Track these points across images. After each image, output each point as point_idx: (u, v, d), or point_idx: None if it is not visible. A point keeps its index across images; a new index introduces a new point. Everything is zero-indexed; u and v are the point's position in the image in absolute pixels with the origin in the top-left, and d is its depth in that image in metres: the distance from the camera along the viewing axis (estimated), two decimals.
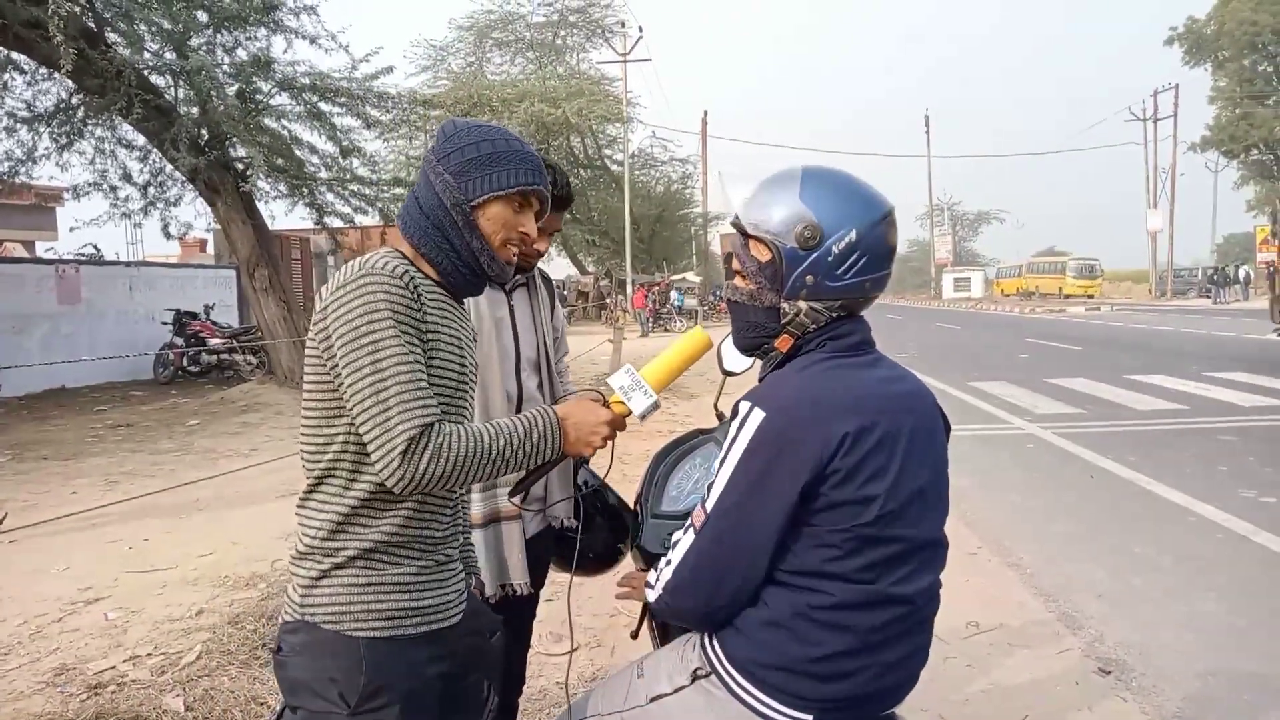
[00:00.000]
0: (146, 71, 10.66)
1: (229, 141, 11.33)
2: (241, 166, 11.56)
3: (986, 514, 5.71)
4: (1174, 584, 4.42)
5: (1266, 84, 46.02)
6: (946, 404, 1.98)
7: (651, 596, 1.60)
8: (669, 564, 1.55)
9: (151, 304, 15.68)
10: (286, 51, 13.33)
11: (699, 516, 1.51)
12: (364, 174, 12.57)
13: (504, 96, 25.82)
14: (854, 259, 1.52)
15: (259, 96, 11.42)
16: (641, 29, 34.02)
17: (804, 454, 1.43)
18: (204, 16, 10.70)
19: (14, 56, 10.89)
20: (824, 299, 1.54)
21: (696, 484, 1.91)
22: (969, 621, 3.90)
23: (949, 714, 3.15)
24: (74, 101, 11.45)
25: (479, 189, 1.56)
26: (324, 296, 1.48)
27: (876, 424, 1.47)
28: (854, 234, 1.51)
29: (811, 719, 1.48)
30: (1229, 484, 6.21)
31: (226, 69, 11.07)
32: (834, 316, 1.56)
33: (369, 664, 1.46)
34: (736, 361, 1.85)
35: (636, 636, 1.94)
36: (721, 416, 1.98)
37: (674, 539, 1.57)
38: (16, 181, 12.51)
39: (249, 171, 11.37)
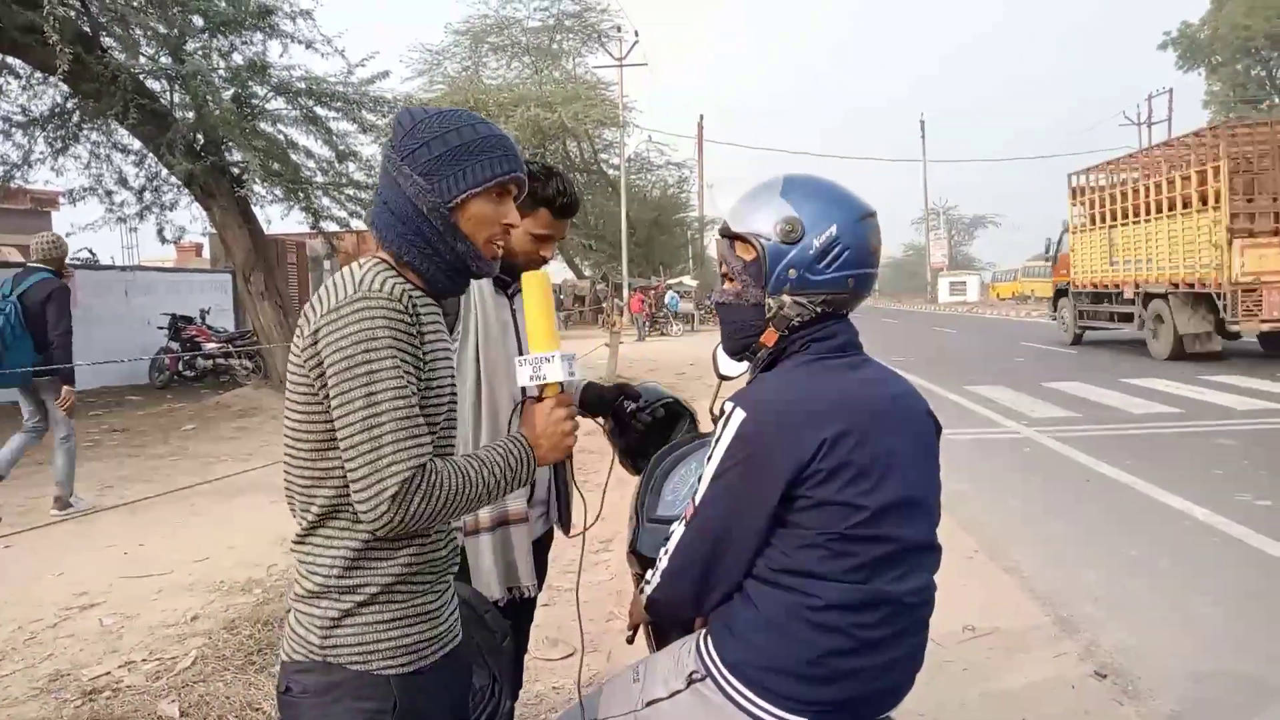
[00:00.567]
0: (142, 76, 10.64)
1: (225, 146, 11.33)
2: (237, 171, 11.55)
3: (983, 518, 5.71)
4: (1171, 587, 4.42)
5: (1260, 89, 46.19)
6: (942, 408, 1.98)
7: (648, 591, 1.65)
8: (666, 554, 1.60)
9: (147, 309, 15.62)
10: (282, 56, 13.28)
11: (689, 510, 1.57)
12: (360, 178, 12.55)
13: (500, 101, 25.89)
14: (835, 253, 1.56)
15: (255, 101, 11.41)
16: (637, 33, 34.06)
17: (782, 454, 1.46)
18: (200, 21, 10.68)
19: (9, 60, 10.88)
20: (808, 293, 1.57)
21: (692, 488, 1.91)
22: (965, 625, 3.90)
23: (945, 718, 3.14)
24: (69, 106, 11.42)
25: (454, 188, 1.41)
26: (313, 318, 1.36)
27: (858, 425, 1.49)
28: (834, 229, 1.56)
29: None
30: (1225, 487, 6.22)
31: (222, 73, 11.05)
32: (818, 312, 1.58)
33: (402, 702, 1.38)
34: (731, 366, 1.86)
35: (632, 641, 1.94)
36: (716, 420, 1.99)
37: (670, 530, 1.62)
38: (12, 186, 12.48)
39: (245, 176, 11.38)
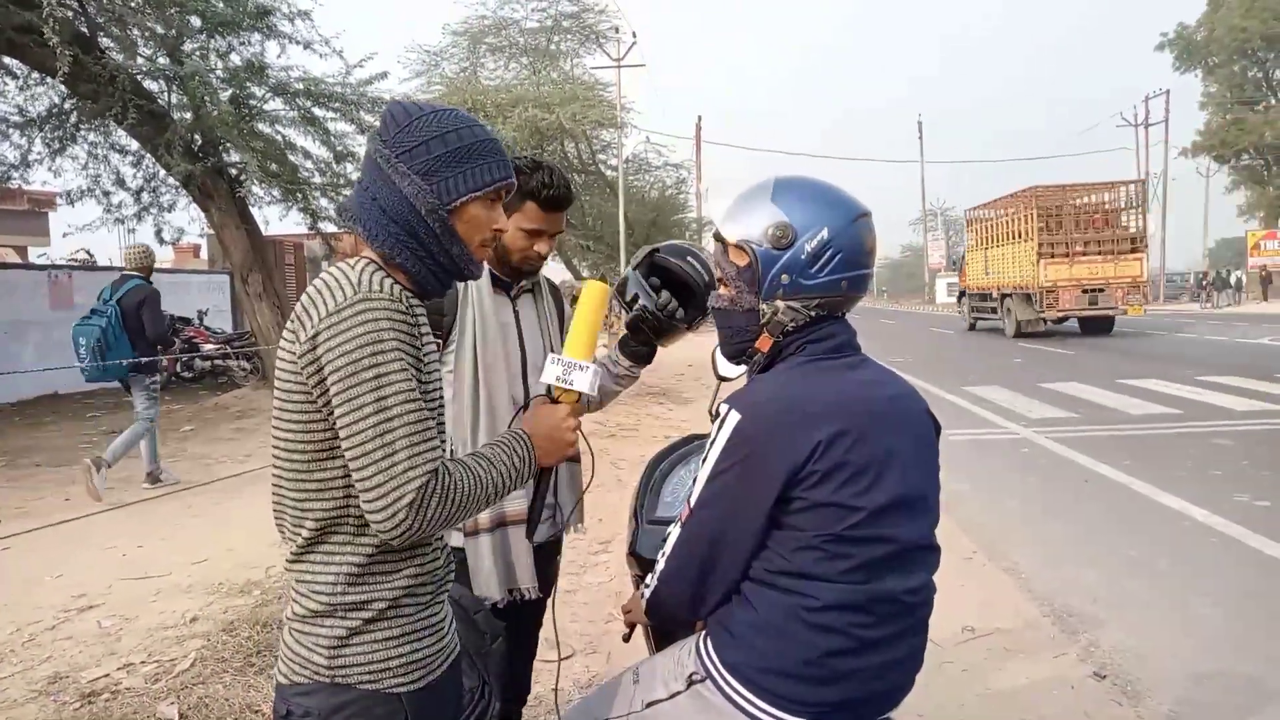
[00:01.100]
0: (140, 77, 10.63)
1: (223, 147, 11.31)
2: (235, 172, 11.54)
3: (981, 519, 5.71)
4: (1169, 588, 4.42)
5: (1256, 90, 46.30)
6: (940, 409, 1.98)
7: (647, 593, 1.65)
8: (663, 555, 1.60)
9: None
10: (280, 57, 13.32)
11: (684, 512, 1.56)
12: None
13: (498, 102, 25.83)
14: (828, 256, 1.55)
15: (253, 102, 11.40)
16: (635, 34, 34.04)
17: (777, 455, 1.46)
18: (197, 22, 10.66)
19: (7, 61, 10.87)
20: (801, 297, 1.57)
21: (690, 490, 1.91)
22: (965, 626, 3.90)
23: (945, 719, 3.14)
24: (67, 106, 11.42)
25: (455, 191, 1.38)
26: (308, 322, 1.30)
27: (855, 426, 1.48)
28: (825, 232, 1.55)
29: None
30: (1224, 488, 6.23)
31: (220, 74, 11.03)
32: (812, 316, 1.58)
33: (412, 718, 1.37)
34: (729, 367, 1.86)
35: (629, 640, 1.94)
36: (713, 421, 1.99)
37: (668, 532, 1.62)
38: (10, 186, 12.47)
39: (243, 177, 11.36)
